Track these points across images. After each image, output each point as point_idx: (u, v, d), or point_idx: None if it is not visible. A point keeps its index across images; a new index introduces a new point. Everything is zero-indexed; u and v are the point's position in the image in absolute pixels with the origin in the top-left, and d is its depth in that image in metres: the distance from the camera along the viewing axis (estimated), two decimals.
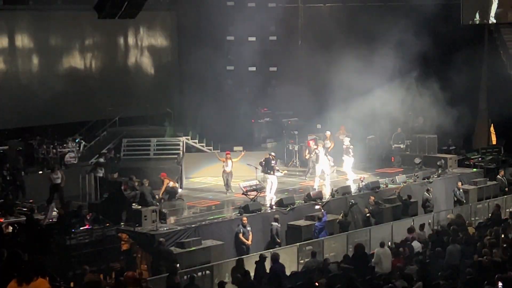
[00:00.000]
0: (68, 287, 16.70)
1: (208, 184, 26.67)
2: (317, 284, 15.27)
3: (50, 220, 20.93)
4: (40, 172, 25.76)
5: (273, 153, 24.54)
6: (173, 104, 32.48)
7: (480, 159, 30.39)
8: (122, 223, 20.38)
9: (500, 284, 14.13)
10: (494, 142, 33.46)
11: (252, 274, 17.09)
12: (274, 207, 22.30)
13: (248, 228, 20.55)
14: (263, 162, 23.78)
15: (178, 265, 17.50)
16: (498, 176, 27.30)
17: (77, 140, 28.44)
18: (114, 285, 15.55)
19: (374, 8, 32.62)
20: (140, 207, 20.79)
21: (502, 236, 19.01)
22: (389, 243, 20.02)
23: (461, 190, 25.35)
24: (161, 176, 23.84)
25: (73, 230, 19.01)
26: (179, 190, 24.46)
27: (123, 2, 17.81)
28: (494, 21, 31.91)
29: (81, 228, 19.42)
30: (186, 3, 33.77)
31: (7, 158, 26.10)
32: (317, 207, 22.56)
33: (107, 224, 19.73)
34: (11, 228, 20.67)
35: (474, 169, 28.79)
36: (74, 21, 31.36)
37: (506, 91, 30.29)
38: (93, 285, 11.68)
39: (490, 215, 23.68)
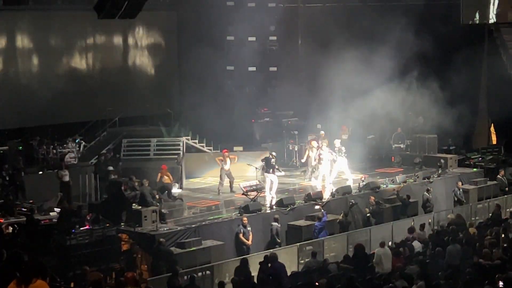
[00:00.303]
0: (68, 287, 16.70)
1: (208, 184, 26.66)
2: (317, 284, 15.26)
3: (49, 221, 20.91)
4: (40, 172, 25.73)
5: (273, 153, 24.50)
6: (173, 104, 32.46)
7: (480, 159, 30.39)
8: (122, 224, 20.37)
9: (500, 283, 14.13)
10: (494, 142, 33.45)
11: (254, 274, 17.08)
12: (274, 207, 22.30)
13: (248, 228, 20.53)
14: (263, 161, 23.79)
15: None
16: (498, 176, 27.28)
17: (77, 141, 28.38)
18: (114, 285, 15.55)
19: (374, 8, 32.59)
20: (140, 207, 20.77)
21: (502, 236, 19.00)
22: (389, 243, 20.01)
23: (461, 190, 25.32)
24: (161, 167, 24.07)
25: (73, 231, 18.99)
26: (176, 190, 24.44)
27: (123, 2, 17.81)
28: (494, 21, 31.89)
29: (81, 228, 19.35)
30: (186, 3, 33.74)
31: (7, 158, 26.07)
32: (317, 207, 22.55)
33: (107, 225, 19.71)
34: (11, 228, 20.65)
35: (474, 169, 28.77)
36: (74, 21, 31.32)
37: (506, 91, 30.25)
38: (97, 284, 11.70)
39: (490, 215, 23.67)
